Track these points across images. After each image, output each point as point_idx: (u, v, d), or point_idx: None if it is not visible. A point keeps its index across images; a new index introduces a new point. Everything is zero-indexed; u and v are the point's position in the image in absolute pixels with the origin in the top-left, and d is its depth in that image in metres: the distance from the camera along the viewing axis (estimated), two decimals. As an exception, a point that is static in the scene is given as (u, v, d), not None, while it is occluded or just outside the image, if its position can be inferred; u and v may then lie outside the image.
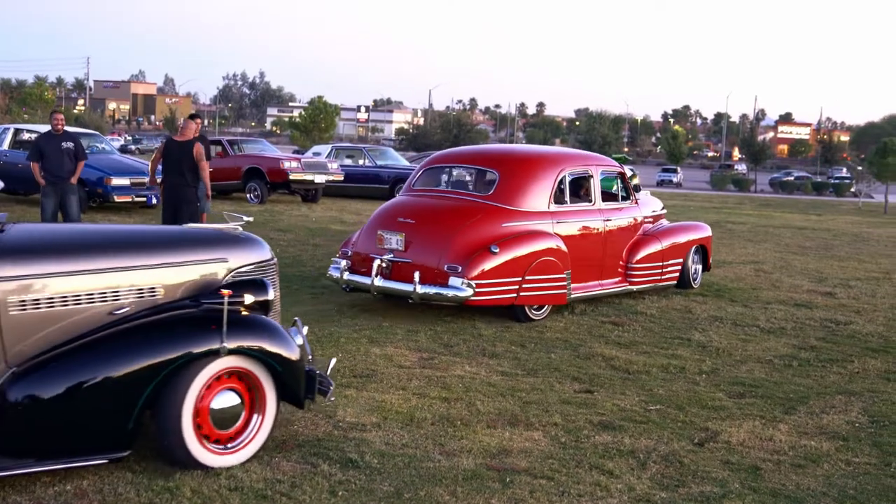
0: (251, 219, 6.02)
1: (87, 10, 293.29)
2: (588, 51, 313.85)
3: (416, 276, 8.88)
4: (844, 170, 75.48)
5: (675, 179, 62.34)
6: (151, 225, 6.06)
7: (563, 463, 5.21)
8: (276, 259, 5.72)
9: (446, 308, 9.33)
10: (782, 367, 7.78)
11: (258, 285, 5.19)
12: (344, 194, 25.26)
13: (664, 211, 12.27)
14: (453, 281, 8.89)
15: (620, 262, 10.64)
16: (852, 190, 54.21)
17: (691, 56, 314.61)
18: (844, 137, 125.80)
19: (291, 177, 22.70)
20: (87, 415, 4.53)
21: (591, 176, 10.43)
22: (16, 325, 4.47)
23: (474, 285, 8.84)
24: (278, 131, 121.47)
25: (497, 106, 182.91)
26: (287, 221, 18.38)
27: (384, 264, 9.24)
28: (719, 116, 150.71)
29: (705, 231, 12.19)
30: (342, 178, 24.41)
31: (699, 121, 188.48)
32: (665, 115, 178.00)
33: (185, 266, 5.13)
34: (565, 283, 9.53)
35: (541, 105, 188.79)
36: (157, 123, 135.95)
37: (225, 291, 4.84)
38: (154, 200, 17.71)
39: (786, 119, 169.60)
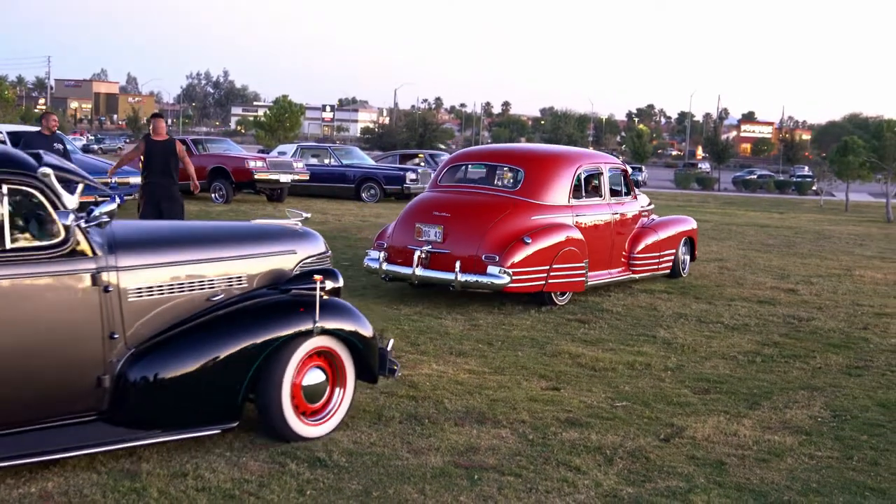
0: (309, 215, 6.56)
1: (47, 8, 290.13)
2: (553, 50, 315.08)
3: (458, 265, 9.59)
4: (806, 168, 76.38)
5: (639, 178, 62.68)
6: (230, 221, 6.58)
7: (531, 460, 5.23)
8: (330, 251, 6.26)
9: (413, 307, 9.40)
10: (746, 364, 7.87)
11: (331, 274, 5.84)
12: (309, 194, 25.20)
13: (652, 206, 12.83)
14: (492, 269, 9.62)
15: (624, 253, 11.47)
16: (814, 188, 54.90)
17: (655, 56, 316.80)
18: (806, 136, 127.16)
19: (256, 176, 22.63)
20: (202, 390, 5.08)
21: (602, 173, 11.31)
22: (134, 310, 4.98)
23: (511, 273, 9.57)
24: (243, 131, 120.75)
25: (462, 105, 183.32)
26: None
27: (423, 255, 9.80)
28: (683, 115, 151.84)
29: (692, 224, 13.19)
30: (308, 178, 24.34)
31: (663, 120, 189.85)
32: (629, 115, 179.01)
33: (265, 257, 5.73)
34: (584, 272, 10.37)
35: (506, 104, 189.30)
36: (120, 123, 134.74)
37: (317, 277, 5.51)
38: (118, 200, 17.52)
39: (748, 118, 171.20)
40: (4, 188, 4.55)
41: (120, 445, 4.79)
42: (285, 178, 23.33)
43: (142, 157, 12.09)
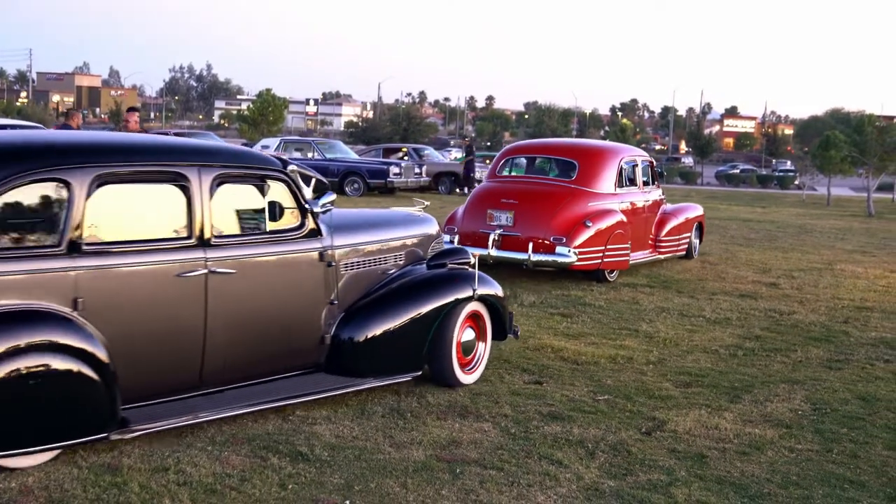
0: (428, 203, 7.91)
1: (29, 1, 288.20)
2: (537, 45, 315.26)
3: (530, 246, 10.90)
4: (789, 163, 76.65)
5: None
6: (384, 209, 7.86)
7: (513, 453, 5.25)
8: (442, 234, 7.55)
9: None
10: (728, 357, 7.91)
11: (463, 251, 7.21)
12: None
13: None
14: (560, 249, 10.99)
15: (651, 236, 13.01)
16: (796, 182, 55.11)
17: (639, 50, 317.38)
18: (788, 131, 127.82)
19: (239, 170, 22.54)
20: (397, 345, 6.29)
21: (637, 164, 12.78)
22: (343, 281, 6.21)
23: (577, 253, 10.96)
24: (226, 124, 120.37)
25: (447, 99, 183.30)
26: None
27: (497, 237, 11.00)
28: (666, 110, 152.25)
29: (700, 210, 14.87)
30: (291, 172, 24.25)
31: (647, 114, 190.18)
32: (613, 109, 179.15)
33: (414, 238, 7.03)
34: (628, 252, 11.81)
35: (490, 98, 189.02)
36: (103, 116, 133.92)
37: (475, 254, 7.12)
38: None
39: (731, 113, 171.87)
40: (268, 182, 5.72)
41: (338, 392, 5.93)
42: (268, 171, 23.25)
43: None
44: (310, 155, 26.78)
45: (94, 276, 4.87)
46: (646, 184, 12.96)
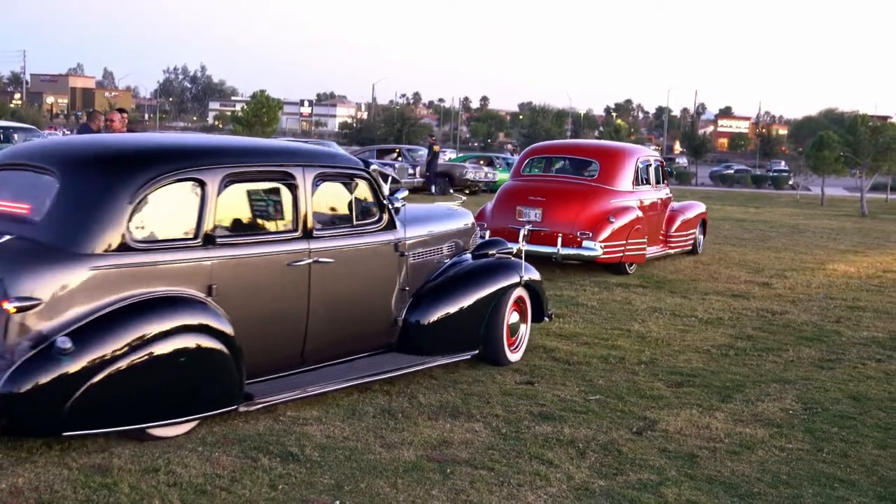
0: (465, 199, 8.52)
1: (23, 2, 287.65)
2: (532, 45, 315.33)
3: (559, 240, 11.77)
4: (783, 163, 76.83)
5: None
6: (436, 204, 8.56)
7: (504, 453, 5.25)
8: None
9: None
10: (719, 357, 7.92)
11: (502, 242, 8.05)
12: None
13: None
14: (587, 244, 11.87)
15: (662, 232, 13.76)
16: (790, 183, 55.21)
17: (633, 51, 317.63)
18: (783, 131, 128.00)
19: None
20: (459, 326, 7.00)
21: (651, 164, 13.59)
22: (412, 269, 6.89)
23: (603, 247, 11.83)
24: (220, 125, 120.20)
25: (441, 100, 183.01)
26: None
27: (527, 232, 11.33)
28: (661, 110, 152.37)
29: (704, 207, 15.71)
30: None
31: (641, 115, 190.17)
32: (608, 109, 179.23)
33: (460, 230, 7.75)
34: (645, 246, 12.73)
35: (484, 99, 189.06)
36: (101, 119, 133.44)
37: (521, 245, 7.80)
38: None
39: (726, 113, 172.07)
40: (355, 180, 6.43)
41: (409, 370, 6.54)
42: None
43: None
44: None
45: (224, 266, 5.48)
46: (657, 182, 13.75)
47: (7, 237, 5.04)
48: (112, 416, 4.89)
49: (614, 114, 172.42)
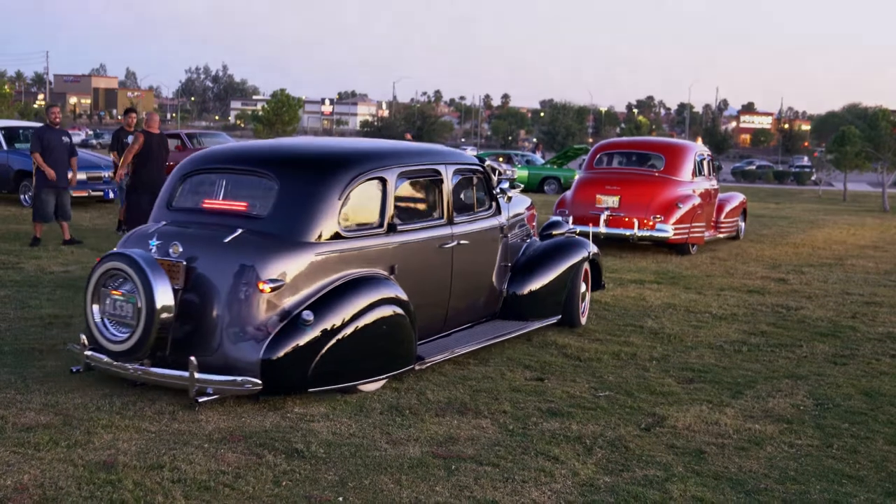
0: (522, 186, 9.54)
1: (45, 3, 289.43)
2: (553, 43, 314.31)
3: (636, 223, 13.67)
4: (806, 158, 76.25)
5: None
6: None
7: (510, 450, 5.24)
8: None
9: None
10: (732, 353, 7.87)
11: (561, 223, 9.18)
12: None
13: None
14: (660, 226, 13.70)
15: (713, 219, 15.42)
16: (813, 178, 54.78)
17: (655, 48, 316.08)
18: (805, 126, 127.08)
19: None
20: (547, 296, 8.24)
21: (704, 158, 15.50)
22: (510, 247, 8.14)
23: (673, 229, 13.68)
24: (242, 125, 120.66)
25: (462, 98, 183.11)
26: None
27: (606, 217, 13.75)
28: (682, 107, 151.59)
29: (744, 197, 17.54)
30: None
31: (663, 111, 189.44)
32: (629, 106, 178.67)
33: (525, 214, 8.85)
34: (704, 230, 14.66)
35: (506, 97, 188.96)
36: (119, 118, 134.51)
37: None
38: (111, 195, 17.54)
39: (748, 109, 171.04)
40: (476, 174, 7.67)
41: (513, 335, 7.65)
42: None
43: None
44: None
45: (401, 249, 6.63)
46: (709, 174, 15.59)
47: (239, 231, 5.97)
48: (340, 375, 5.94)
49: (636, 110, 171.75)
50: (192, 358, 5.55)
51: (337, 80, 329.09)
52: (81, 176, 17.34)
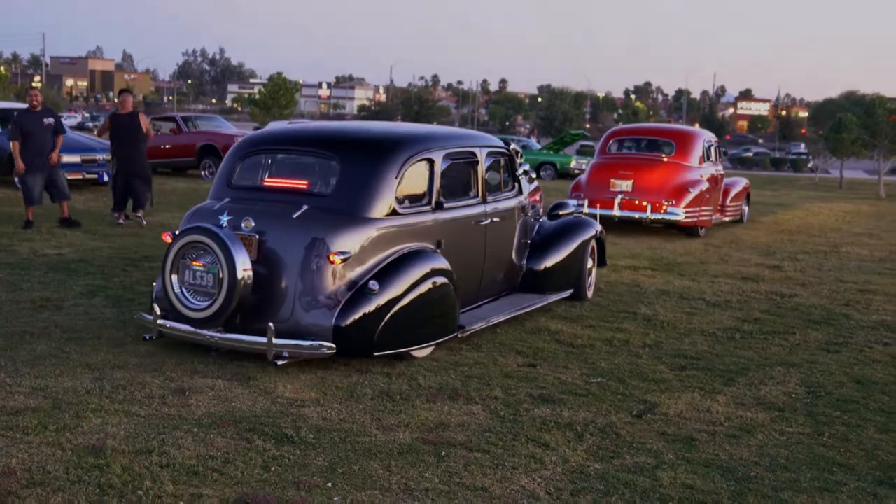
0: (531, 170, 9.47)
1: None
2: (551, 28, 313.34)
3: (649, 207, 14.41)
4: (803, 145, 76.17)
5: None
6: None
7: (500, 436, 5.22)
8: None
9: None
10: (725, 340, 7.86)
11: (567, 203, 9.52)
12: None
13: None
14: (671, 210, 14.37)
15: (719, 203, 16.04)
16: (809, 165, 54.75)
17: (653, 34, 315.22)
18: (803, 113, 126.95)
19: (247, 153, 22.52)
20: (563, 269, 8.84)
21: (712, 145, 16.24)
22: (528, 225, 8.78)
23: (684, 212, 14.35)
24: (239, 108, 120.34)
25: (459, 82, 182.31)
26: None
27: (620, 201, 14.51)
28: (680, 93, 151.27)
29: (747, 182, 18.27)
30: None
31: (660, 97, 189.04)
32: (627, 92, 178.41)
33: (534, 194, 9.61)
34: (712, 213, 15.31)
35: (503, 82, 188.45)
36: (116, 100, 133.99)
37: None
38: (105, 177, 17.49)
39: (745, 95, 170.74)
40: (499, 158, 8.21)
41: (535, 306, 8.26)
42: (276, 155, 23.22)
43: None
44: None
45: (446, 224, 7.20)
46: (716, 160, 16.30)
47: (305, 207, 6.45)
48: (399, 341, 6.44)
49: (633, 96, 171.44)
50: (271, 324, 6.08)
51: (334, 63, 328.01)
52: (76, 158, 17.33)
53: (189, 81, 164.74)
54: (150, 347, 6.66)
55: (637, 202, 14.48)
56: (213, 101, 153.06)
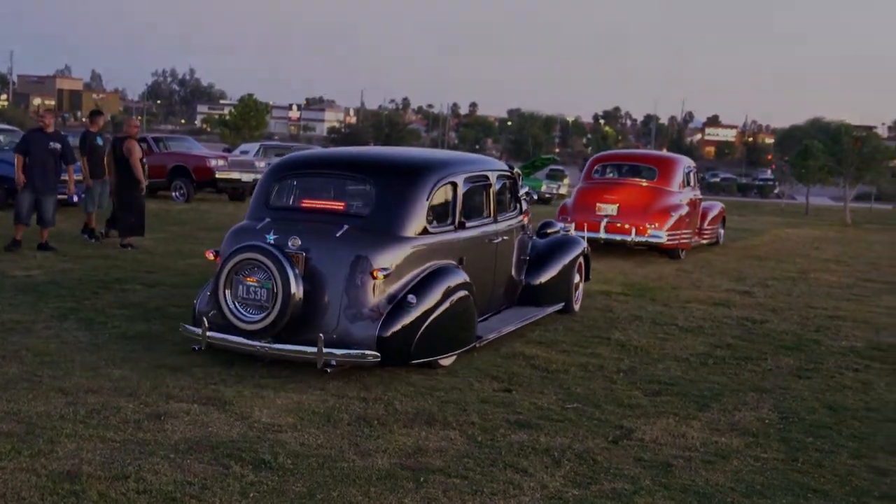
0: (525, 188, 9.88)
1: (10, 2, 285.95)
2: (521, 52, 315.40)
3: (633, 230, 14.87)
4: (769, 171, 77.04)
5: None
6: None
7: (479, 462, 5.22)
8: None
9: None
10: (698, 365, 7.91)
11: (553, 222, 10.37)
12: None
13: None
14: (654, 233, 14.87)
15: (697, 226, 16.59)
16: (776, 191, 55.38)
17: (622, 59, 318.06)
18: (769, 140, 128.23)
19: (218, 175, 22.46)
20: (557, 283, 9.41)
21: (691, 170, 16.80)
22: (526, 243, 9.31)
23: (667, 235, 14.87)
24: (208, 129, 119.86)
25: (430, 105, 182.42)
26: (213, 221, 18.17)
27: (606, 224, 15.01)
28: (649, 118, 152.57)
29: (722, 206, 19.19)
30: (270, 177, 24.15)
31: (629, 122, 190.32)
32: (596, 117, 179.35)
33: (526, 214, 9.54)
34: (691, 236, 16.02)
35: (473, 105, 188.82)
36: (84, 119, 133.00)
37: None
38: (75, 199, 17.32)
39: (713, 121, 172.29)
40: (505, 181, 8.84)
41: (536, 318, 8.86)
42: (247, 176, 23.17)
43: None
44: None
45: (466, 243, 7.79)
46: (694, 185, 16.93)
47: (346, 227, 6.93)
48: (432, 350, 6.95)
49: (602, 121, 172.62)
50: (322, 334, 6.54)
51: (305, 85, 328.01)
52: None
53: (158, 101, 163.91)
54: (123, 371, 6.61)
55: (621, 225, 14.97)
56: (183, 121, 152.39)
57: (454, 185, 7.70)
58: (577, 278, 9.84)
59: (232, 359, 7.06)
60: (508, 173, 8.98)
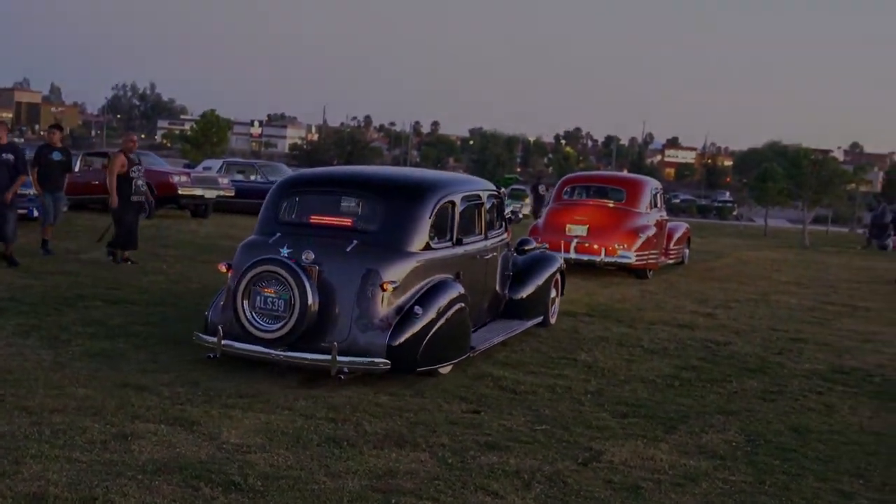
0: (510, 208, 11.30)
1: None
2: (483, 71, 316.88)
3: (603, 250, 15.19)
4: (728, 193, 77.93)
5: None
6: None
7: (449, 484, 5.21)
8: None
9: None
10: (664, 387, 7.96)
11: (530, 240, 10.62)
12: (235, 210, 24.77)
13: None
14: (623, 253, 15.24)
15: (664, 247, 16.88)
16: (734, 213, 56.00)
17: (583, 80, 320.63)
18: (728, 162, 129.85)
19: (181, 191, 22.28)
20: (538, 298, 9.93)
21: (659, 192, 17.20)
22: (509, 259, 9.82)
23: (635, 256, 15.25)
24: (169, 144, 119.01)
25: (392, 124, 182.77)
26: (175, 237, 18.02)
27: (576, 244, 15.30)
28: (609, 139, 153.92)
29: (687, 226, 19.82)
30: (233, 194, 24.04)
31: (590, 143, 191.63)
32: (557, 137, 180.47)
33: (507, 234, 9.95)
34: (658, 256, 16.33)
35: (435, 124, 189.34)
36: (42, 133, 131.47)
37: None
38: (35, 213, 17.09)
39: (673, 143, 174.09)
40: (494, 200, 9.37)
41: (520, 330, 9.33)
42: (210, 193, 23.03)
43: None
44: (252, 177, 26.53)
45: (462, 258, 8.29)
46: (661, 207, 17.22)
47: (355, 242, 7.38)
48: (434, 358, 7.38)
49: (563, 141, 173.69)
50: (336, 343, 6.95)
51: (266, 102, 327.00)
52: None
53: (118, 116, 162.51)
54: (88, 391, 6.51)
55: (591, 245, 15.29)
56: (143, 136, 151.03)
57: (453, 203, 8.22)
58: (553, 293, 10.32)
59: (198, 378, 7.00)
60: (496, 193, 9.49)
